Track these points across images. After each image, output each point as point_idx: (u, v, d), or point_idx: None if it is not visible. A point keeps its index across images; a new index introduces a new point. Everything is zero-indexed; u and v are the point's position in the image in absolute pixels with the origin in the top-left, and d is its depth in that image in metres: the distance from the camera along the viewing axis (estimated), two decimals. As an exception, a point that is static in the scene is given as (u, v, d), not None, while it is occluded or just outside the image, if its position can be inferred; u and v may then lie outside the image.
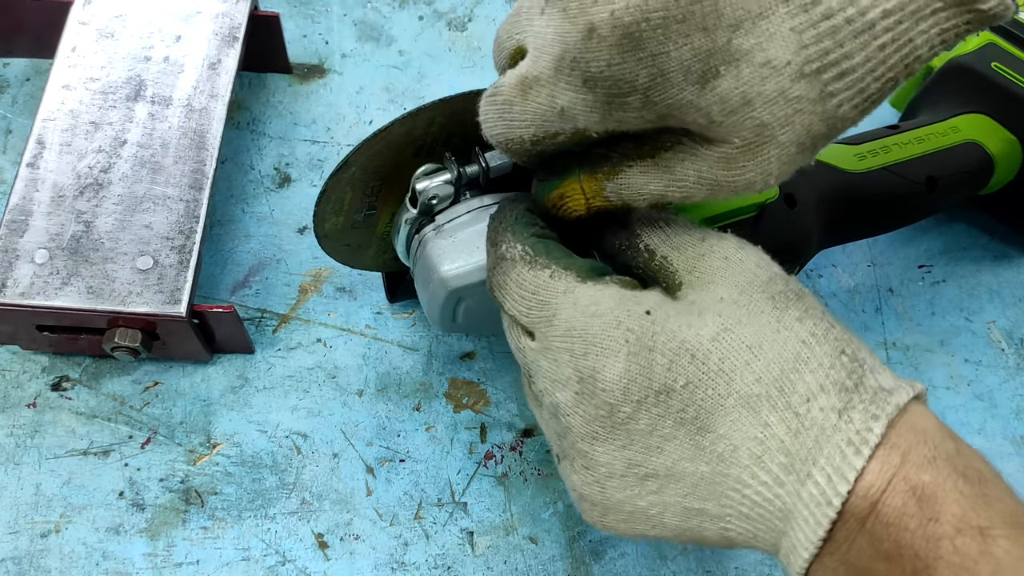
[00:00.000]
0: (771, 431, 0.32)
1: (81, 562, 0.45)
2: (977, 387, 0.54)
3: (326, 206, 0.43)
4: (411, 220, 0.43)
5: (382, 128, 0.40)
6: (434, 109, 0.41)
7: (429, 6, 0.65)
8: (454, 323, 0.44)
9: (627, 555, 0.47)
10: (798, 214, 0.46)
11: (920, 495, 0.29)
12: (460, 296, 0.42)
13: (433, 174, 0.43)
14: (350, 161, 0.41)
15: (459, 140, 0.44)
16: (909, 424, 0.31)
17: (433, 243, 0.42)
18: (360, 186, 0.43)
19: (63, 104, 0.50)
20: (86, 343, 0.48)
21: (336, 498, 0.48)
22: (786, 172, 0.35)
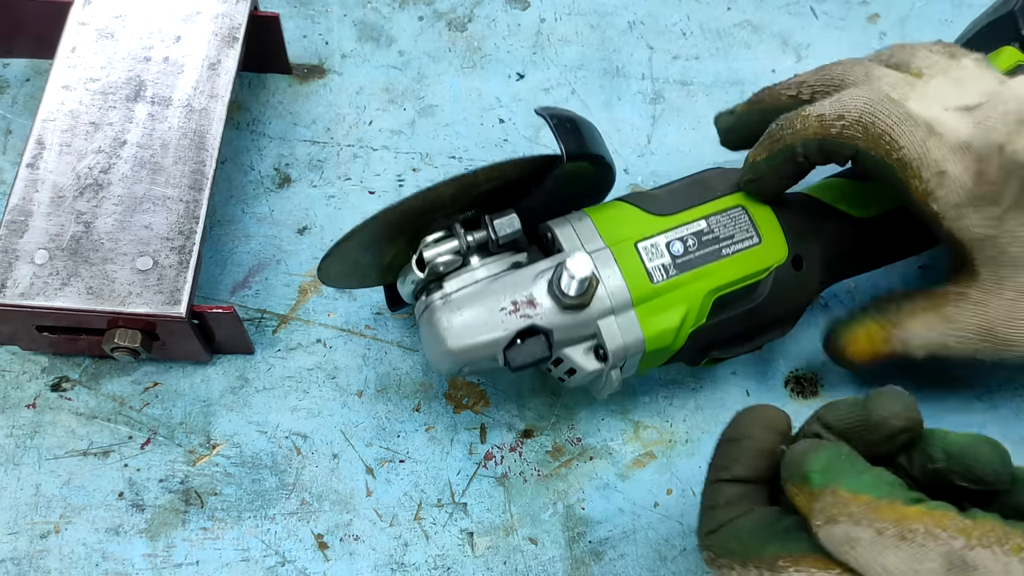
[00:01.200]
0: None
1: (81, 563, 0.45)
2: (977, 388, 0.54)
3: (332, 263, 0.43)
4: (418, 281, 0.43)
5: (392, 206, 0.40)
6: (445, 186, 0.41)
7: (429, 6, 0.65)
8: (459, 375, 0.46)
9: (626, 556, 0.47)
10: (803, 276, 0.46)
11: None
12: (466, 362, 0.43)
13: (441, 241, 0.43)
14: (353, 235, 0.41)
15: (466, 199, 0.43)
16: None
17: (441, 314, 0.42)
18: (366, 246, 0.43)
19: (63, 104, 0.50)
20: (86, 344, 0.48)
21: (336, 499, 0.48)
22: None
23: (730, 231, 0.44)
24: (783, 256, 0.45)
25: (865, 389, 0.53)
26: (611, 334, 0.42)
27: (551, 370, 0.45)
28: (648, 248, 0.43)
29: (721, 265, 0.44)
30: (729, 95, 0.63)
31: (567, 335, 0.42)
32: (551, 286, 0.42)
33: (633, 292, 0.43)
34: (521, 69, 0.63)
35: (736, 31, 0.66)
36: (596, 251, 0.43)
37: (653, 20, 0.66)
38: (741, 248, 0.44)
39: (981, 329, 0.42)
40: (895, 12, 0.68)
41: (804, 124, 0.43)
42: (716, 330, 0.45)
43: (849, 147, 0.42)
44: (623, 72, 0.64)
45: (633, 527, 0.48)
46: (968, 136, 0.40)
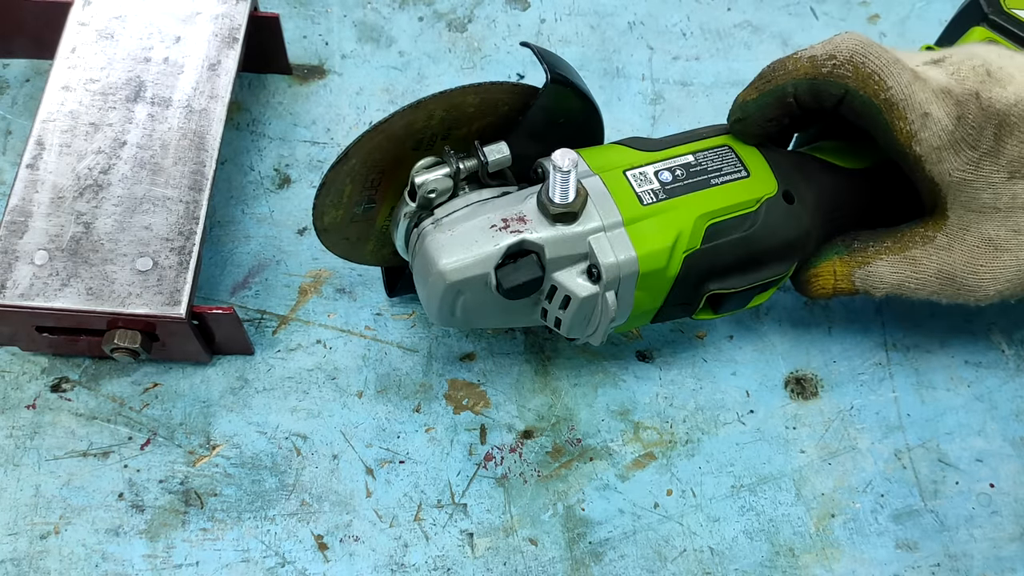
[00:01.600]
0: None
1: (80, 563, 0.45)
2: (977, 388, 0.54)
3: (325, 199, 0.43)
4: (410, 214, 0.43)
5: (382, 120, 0.41)
6: (434, 102, 0.41)
7: (429, 7, 0.65)
8: (453, 317, 0.44)
9: (627, 556, 0.47)
10: (796, 211, 0.46)
11: None
12: (459, 289, 0.42)
13: (432, 168, 0.43)
14: (350, 153, 0.41)
15: (459, 134, 0.44)
16: None
17: (432, 237, 0.42)
18: (360, 179, 0.43)
19: (63, 105, 0.50)
20: (86, 344, 0.48)
21: (336, 499, 0.48)
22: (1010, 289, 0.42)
23: (718, 165, 0.45)
24: (773, 189, 0.45)
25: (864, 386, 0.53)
26: (603, 250, 0.42)
27: (546, 311, 0.45)
28: (637, 176, 0.44)
29: (711, 192, 0.44)
30: (729, 95, 0.63)
31: (559, 253, 0.42)
32: (539, 198, 0.42)
33: (623, 211, 0.43)
34: (521, 69, 0.63)
35: (736, 31, 0.66)
36: (585, 176, 0.43)
37: (653, 20, 0.66)
38: (730, 179, 0.45)
39: (941, 273, 0.44)
40: (895, 12, 0.68)
41: (796, 65, 0.44)
42: (711, 256, 0.45)
43: (839, 86, 0.43)
44: (623, 72, 0.64)
45: (633, 528, 0.48)
46: (947, 83, 0.42)
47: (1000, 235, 0.42)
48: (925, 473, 0.51)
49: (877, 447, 0.51)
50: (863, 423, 0.52)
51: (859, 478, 0.50)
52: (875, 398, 0.53)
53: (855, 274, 0.46)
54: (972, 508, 0.50)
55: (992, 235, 0.43)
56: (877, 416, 0.52)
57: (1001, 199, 0.42)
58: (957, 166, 0.43)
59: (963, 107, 0.42)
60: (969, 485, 0.51)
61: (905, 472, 0.51)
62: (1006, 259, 0.42)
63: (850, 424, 0.52)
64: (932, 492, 0.50)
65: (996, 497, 0.50)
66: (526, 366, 0.52)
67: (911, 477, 0.51)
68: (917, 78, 0.43)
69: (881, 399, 0.53)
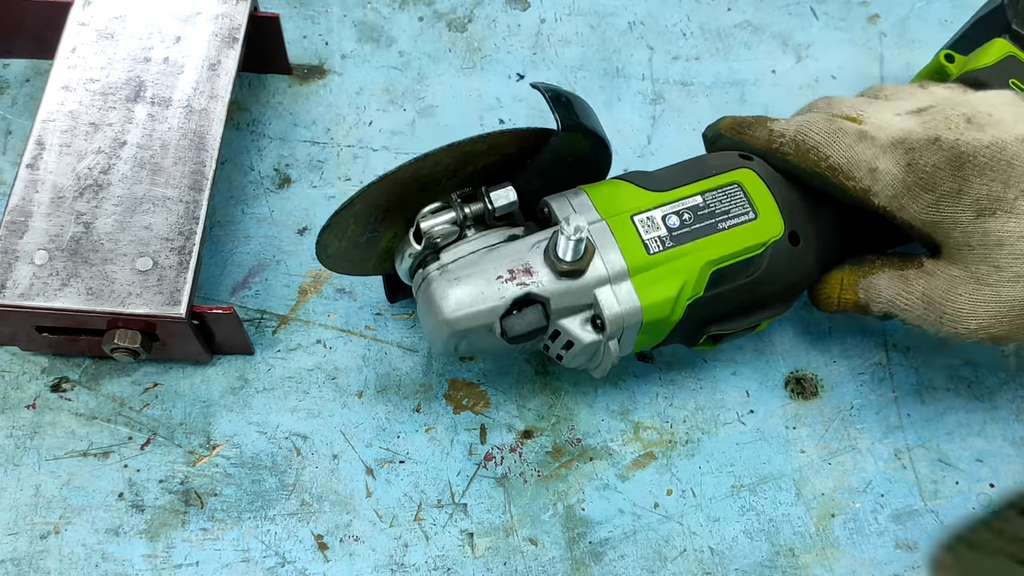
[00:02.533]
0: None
1: (80, 563, 0.45)
2: (977, 388, 0.54)
3: (329, 235, 0.43)
4: (415, 255, 0.43)
5: (390, 171, 0.40)
6: (442, 153, 0.41)
7: (429, 7, 0.65)
8: (455, 352, 0.45)
9: (627, 556, 0.47)
10: (801, 253, 0.46)
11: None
12: (464, 335, 0.43)
13: (438, 212, 0.43)
14: (355, 201, 0.41)
15: (464, 172, 0.43)
16: None
17: (438, 284, 0.42)
18: (363, 218, 0.43)
19: (63, 105, 0.50)
20: (86, 344, 0.48)
21: (336, 499, 0.48)
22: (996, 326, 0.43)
23: (726, 206, 0.45)
24: (779, 231, 0.45)
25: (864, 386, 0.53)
26: (608, 302, 0.42)
27: (548, 347, 0.45)
28: (644, 221, 0.44)
29: (717, 238, 0.44)
30: (729, 95, 0.63)
31: (564, 304, 0.42)
32: (547, 253, 0.42)
33: (630, 262, 0.43)
34: (521, 69, 0.63)
35: (736, 31, 0.66)
36: (593, 223, 0.43)
37: (653, 20, 0.66)
38: (737, 223, 0.45)
39: (925, 297, 0.45)
40: (895, 12, 0.68)
41: (759, 132, 0.48)
42: (714, 303, 0.45)
43: (783, 161, 0.47)
44: (623, 73, 0.64)
45: (633, 528, 0.48)
46: (901, 134, 0.45)
47: (980, 270, 0.43)
48: (925, 473, 0.51)
49: (877, 447, 0.51)
50: (863, 423, 0.52)
51: (859, 478, 0.50)
52: (875, 398, 0.53)
53: (859, 284, 0.48)
54: (972, 508, 0.50)
55: (972, 269, 0.44)
56: (877, 416, 0.52)
57: (973, 237, 0.43)
58: (919, 210, 0.44)
59: (913, 153, 0.44)
60: (969, 485, 0.51)
61: (905, 472, 0.51)
62: (986, 293, 0.43)
63: (850, 424, 0.52)
64: (932, 492, 0.50)
65: (996, 497, 0.50)
66: (526, 366, 0.52)
67: (911, 477, 0.51)
68: (863, 139, 0.45)
69: (881, 399, 0.53)
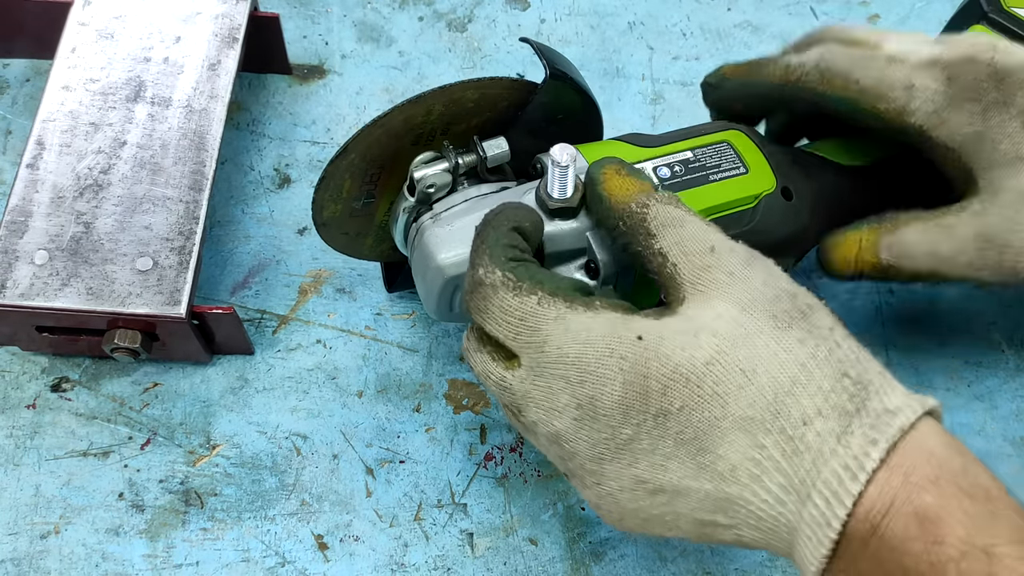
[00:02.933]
0: (767, 452, 0.32)
1: (81, 563, 0.45)
2: (977, 388, 0.54)
3: (325, 193, 0.43)
4: (409, 209, 0.43)
5: (381, 115, 0.41)
6: (433, 97, 0.41)
7: (429, 7, 0.65)
8: (451, 312, 0.44)
9: (627, 556, 0.47)
10: (795, 207, 0.46)
11: (923, 517, 0.29)
12: (457, 284, 0.42)
13: (431, 163, 0.43)
14: (349, 148, 0.41)
15: (457, 128, 0.44)
16: (915, 444, 0.31)
17: (430, 231, 0.42)
18: (359, 173, 0.43)
19: (63, 105, 0.50)
20: (86, 344, 0.48)
21: (336, 499, 0.48)
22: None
23: (716, 161, 0.45)
24: (771, 186, 0.45)
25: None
26: (601, 244, 0.42)
27: None
28: None
29: (709, 189, 0.44)
30: (729, 95, 0.63)
31: (557, 248, 0.42)
32: (538, 194, 0.42)
33: None
34: (521, 69, 0.63)
35: (736, 31, 0.66)
36: (583, 171, 0.43)
37: (653, 20, 0.66)
38: (728, 176, 0.45)
39: (979, 236, 0.42)
40: (895, 12, 0.68)
41: (773, 69, 0.46)
42: None
43: (804, 91, 0.45)
44: (623, 72, 0.64)
45: (633, 527, 0.48)
46: (932, 55, 0.42)
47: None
48: (925, 473, 0.51)
49: (877, 447, 0.51)
50: (863, 423, 0.52)
51: (859, 478, 0.50)
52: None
53: (883, 242, 0.44)
54: (972, 508, 0.50)
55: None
56: (877, 416, 0.52)
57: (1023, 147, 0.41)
58: (964, 120, 0.42)
59: (953, 69, 0.42)
60: (969, 485, 0.51)
61: (905, 472, 0.51)
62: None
63: (850, 424, 0.52)
64: (932, 492, 0.50)
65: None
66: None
67: (911, 477, 0.51)
68: (893, 61, 0.43)
69: (881, 399, 0.53)
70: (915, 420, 0.31)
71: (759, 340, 0.34)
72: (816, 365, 0.33)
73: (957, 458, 0.31)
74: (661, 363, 0.34)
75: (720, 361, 0.33)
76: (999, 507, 0.29)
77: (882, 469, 0.30)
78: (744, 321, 0.34)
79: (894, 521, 0.30)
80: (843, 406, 0.32)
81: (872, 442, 0.31)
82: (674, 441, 0.34)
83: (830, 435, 0.31)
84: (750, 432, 0.33)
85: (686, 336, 0.34)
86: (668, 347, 0.34)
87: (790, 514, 0.32)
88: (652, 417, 0.34)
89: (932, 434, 0.31)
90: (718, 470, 0.33)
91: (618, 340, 0.35)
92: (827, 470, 0.31)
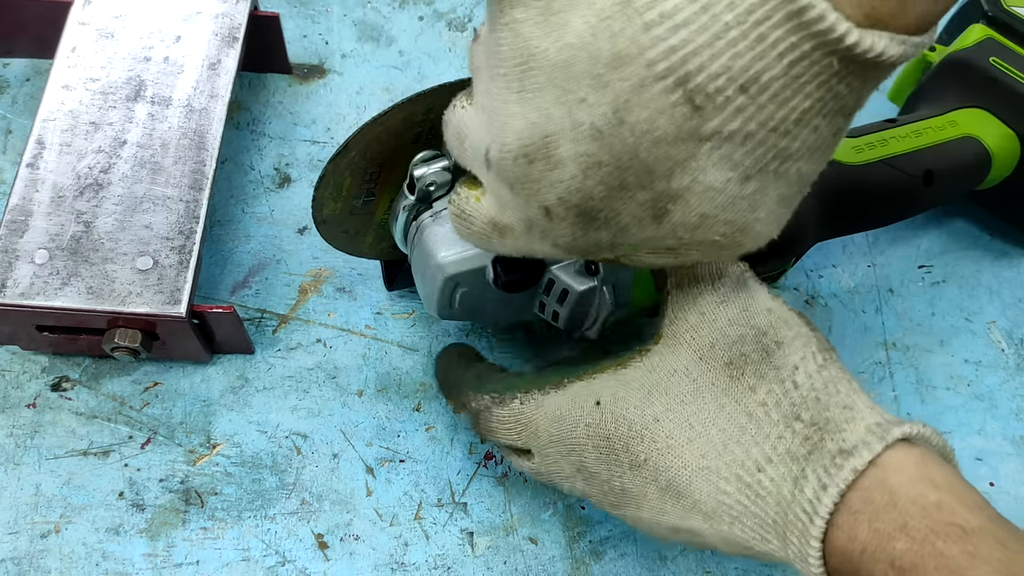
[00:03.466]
0: (733, 498, 0.33)
1: (81, 563, 0.45)
2: (977, 387, 0.54)
3: (325, 191, 0.43)
4: (409, 207, 0.43)
5: (382, 113, 0.41)
6: (433, 95, 0.41)
7: (429, 6, 0.65)
8: (451, 310, 0.44)
9: (627, 555, 0.47)
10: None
11: (900, 566, 0.29)
12: (457, 282, 0.42)
13: (431, 161, 0.43)
14: (349, 145, 0.41)
15: None
16: (876, 483, 0.30)
17: (430, 230, 0.42)
18: (359, 171, 0.43)
19: (63, 104, 0.50)
20: (86, 343, 0.48)
21: (336, 498, 0.48)
22: (783, 217, 0.35)
23: None
24: None
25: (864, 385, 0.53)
26: None
27: (544, 304, 0.45)
28: None
29: None
30: (729, 95, 0.63)
31: None
32: None
33: None
34: (521, 69, 0.63)
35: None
36: None
37: (653, 20, 0.66)
38: None
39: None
40: (895, 12, 0.68)
41: None
42: None
43: None
44: (623, 72, 0.64)
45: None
46: None
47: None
48: (925, 472, 0.51)
49: (877, 446, 0.51)
50: (863, 422, 0.52)
51: (859, 477, 0.50)
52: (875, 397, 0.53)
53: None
54: (972, 507, 0.50)
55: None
56: (877, 415, 0.52)
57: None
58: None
59: None
60: (969, 484, 0.51)
61: (905, 471, 0.51)
62: (753, 227, 0.36)
63: (850, 423, 0.52)
64: (932, 491, 0.50)
65: (996, 496, 0.50)
66: (527, 366, 0.52)
67: (911, 476, 0.51)
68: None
69: (881, 398, 0.53)
70: (875, 457, 0.31)
71: (708, 394, 0.35)
72: (765, 412, 0.34)
73: (930, 493, 0.30)
74: (618, 424, 0.37)
75: (668, 417, 0.36)
76: (977, 545, 0.28)
77: (842, 514, 0.30)
78: (698, 374, 0.36)
79: (873, 567, 0.29)
80: (794, 451, 0.32)
81: (823, 487, 0.31)
82: (655, 488, 0.36)
83: (785, 480, 0.32)
84: (710, 480, 0.34)
85: (640, 394, 0.37)
86: (622, 407, 0.37)
87: (778, 550, 0.32)
88: (628, 469, 0.37)
89: (899, 468, 0.31)
90: (703, 511, 0.34)
91: (580, 410, 0.38)
92: (791, 514, 0.31)
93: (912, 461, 0.31)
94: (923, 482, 0.30)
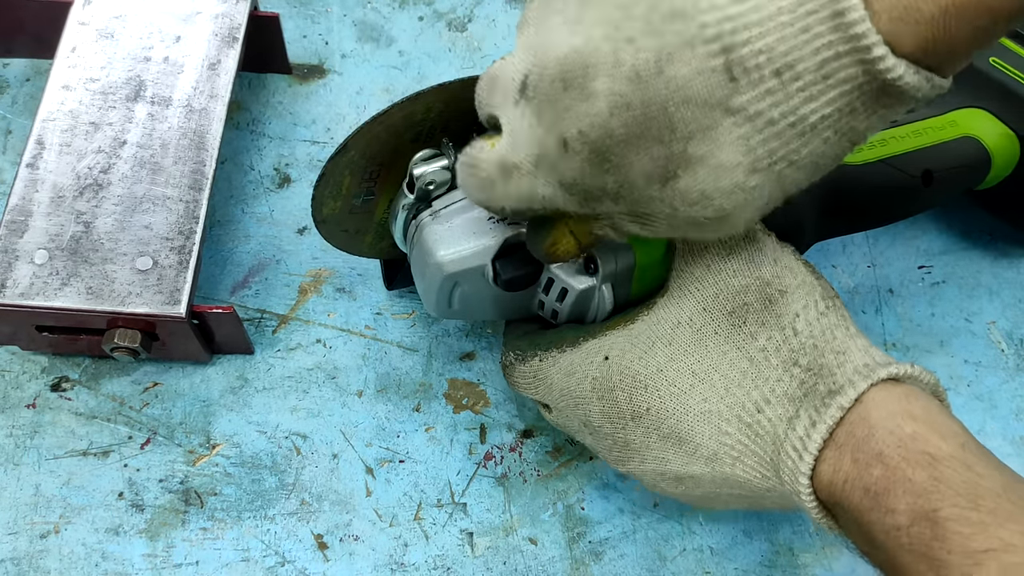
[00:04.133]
0: (734, 438, 0.35)
1: (80, 563, 0.45)
2: (977, 388, 0.54)
3: (324, 190, 0.43)
4: (408, 206, 0.43)
5: (381, 112, 0.41)
6: (432, 95, 0.41)
7: (429, 6, 0.65)
8: (450, 309, 0.44)
9: (626, 556, 0.47)
10: (790, 203, 0.46)
11: (873, 492, 0.31)
12: (456, 281, 0.42)
13: (430, 160, 0.43)
14: (349, 144, 0.41)
15: (457, 126, 0.44)
16: (859, 419, 0.33)
17: (430, 228, 0.42)
18: (358, 170, 0.43)
19: (63, 104, 0.50)
20: (86, 344, 0.48)
21: (335, 499, 0.48)
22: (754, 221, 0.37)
23: None
24: None
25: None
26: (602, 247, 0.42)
27: (543, 303, 0.45)
28: None
29: None
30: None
31: None
32: None
33: None
34: (521, 69, 0.63)
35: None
36: None
37: (653, 20, 0.66)
38: None
39: None
40: (895, 12, 0.68)
41: None
42: None
43: None
44: (623, 72, 0.64)
45: (633, 527, 0.48)
46: None
47: None
48: (925, 472, 0.51)
49: (877, 446, 0.51)
50: (863, 422, 0.52)
51: (859, 477, 0.50)
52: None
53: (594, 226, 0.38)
54: (972, 507, 0.50)
55: None
56: (877, 415, 0.52)
57: None
58: None
59: None
60: (969, 484, 0.51)
61: (905, 471, 0.51)
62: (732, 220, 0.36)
63: (850, 423, 0.52)
64: (932, 491, 0.50)
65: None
66: (526, 365, 0.52)
67: (911, 476, 0.51)
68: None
69: (881, 398, 0.53)
70: (860, 395, 0.33)
71: (711, 342, 0.37)
72: (765, 357, 0.36)
73: (907, 425, 0.32)
74: (623, 375, 0.39)
75: (671, 367, 0.37)
76: (943, 471, 0.31)
77: (830, 448, 0.33)
78: (701, 324, 0.38)
79: (852, 495, 0.32)
80: (791, 393, 0.35)
81: (812, 424, 0.33)
82: (657, 437, 0.38)
83: (780, 420, 0.34)
84: (711, 422, 0.36)
85: (644, 346, 0.39)
86: (628, 359, 0.39)
87: (779, 485, 0.34)
88: (631, 420, 0.38)
89: (880, 404, 0.33)
90: (704, 455, 0.36)
91: (590, 364, 0.40)
92: (783, 452, 0.34)
93: (894, 397, 0.33)
94: (901, 415, 0.33)
